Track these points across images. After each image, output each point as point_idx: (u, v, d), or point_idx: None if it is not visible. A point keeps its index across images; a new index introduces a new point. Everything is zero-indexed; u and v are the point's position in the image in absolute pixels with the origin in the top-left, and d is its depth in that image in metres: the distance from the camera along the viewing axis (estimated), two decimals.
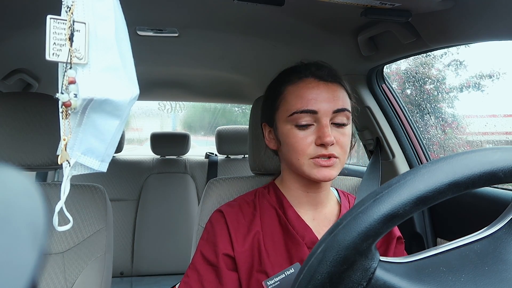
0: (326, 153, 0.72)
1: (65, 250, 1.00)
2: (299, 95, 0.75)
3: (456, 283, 0.37)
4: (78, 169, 0.47)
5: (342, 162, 0.75)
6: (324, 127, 0.72)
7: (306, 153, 0.73)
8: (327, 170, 0.73)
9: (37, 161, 0.97)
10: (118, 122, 0.47)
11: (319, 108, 0.73)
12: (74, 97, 0.43)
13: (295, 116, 0.74)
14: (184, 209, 2.39)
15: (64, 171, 0.46)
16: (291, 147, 0.75)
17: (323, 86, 0.75)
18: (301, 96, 0.74)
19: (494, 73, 1.62)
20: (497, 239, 0.41)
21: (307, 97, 0.74)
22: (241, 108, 4.03)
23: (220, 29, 1.23)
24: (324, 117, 0.73)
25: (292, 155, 0.76)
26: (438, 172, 0.35)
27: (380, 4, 0.85)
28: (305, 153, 0.73)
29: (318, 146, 0.72)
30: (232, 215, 0.79)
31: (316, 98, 0.73)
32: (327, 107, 0.73)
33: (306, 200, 0.81)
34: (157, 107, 3.42)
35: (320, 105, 0.73)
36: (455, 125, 1.78)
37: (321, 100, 0.73)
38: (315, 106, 0.73)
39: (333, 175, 0.73)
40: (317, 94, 0.74)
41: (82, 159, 0.47)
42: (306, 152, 0.73)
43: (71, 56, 0.43)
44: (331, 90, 0.75)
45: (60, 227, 0.47)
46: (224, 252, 0.75)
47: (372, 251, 0.36)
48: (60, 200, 0.46)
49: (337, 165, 0.74)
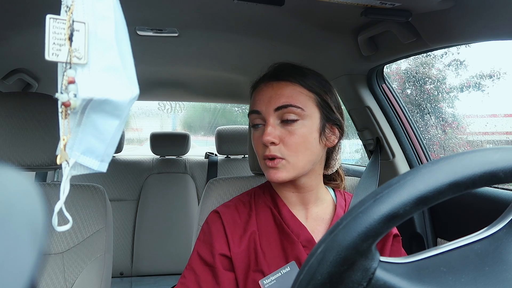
0: (267, 153, 0.73)
1: (64, 250, 1.00)
2: (253, 97, 0.80)
3: (457, 284, 0.37)
4: (78, 169, 0.47)
5: (293, 163, 0.73)
6: (266, 127, 0.74)
7: (260, 154, 0.77)
8: (272, 171, 0.74)
9: (36, 161, 0.97)
10: (118, 122, 0.47)
11: (261, 108, 0.75)
12: (73, 97, 0.43)
13: (250, 117, 0.79)
14: (184, 209, 2.39)
15: (64, 171, 0.46)
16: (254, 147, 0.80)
17: (267, 86, 0.77)
18: (253, 98, 0.80)
19: (495, 73, 1.62)
20: (498, 240, 0.41)
21: (254, 98, 0.78)
22: (241, 108, 4.03)
23: (220, 29, 1.23)
24: (267, 116, 0.74)
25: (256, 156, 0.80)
26: (439, 172, 0.35)
27: (380, 4, 0.85)
28: (259, 154, 0.77)
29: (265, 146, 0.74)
30: (228, 216, 0.79)
31: (260, 99, 0.76)
32: (267, 106, 0.75)
33: (296, 199, 0.81)
34: (157, 107, 3.42)
35: (261, 105, 0.76)
36: (456, 125, 1.78)
37: (263, 100, 0.76)
38: (258, 106, 0.76)
39: (280, 177, 0.73)
40: (262, 94, 0.77)
41: (81, 159, 0.47)
42: (259, 152, 0.77)
43: (70, 56, 0.43)
44: (276, 89, 0.76)
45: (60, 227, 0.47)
46: (221, 252, 0.75)
47: (372, 251, 0.36)
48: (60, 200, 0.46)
49: (283, 167, 0.73)
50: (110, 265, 1.08)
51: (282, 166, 0.73)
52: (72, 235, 1.02)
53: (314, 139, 0.75)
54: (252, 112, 0.78)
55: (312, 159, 0.76)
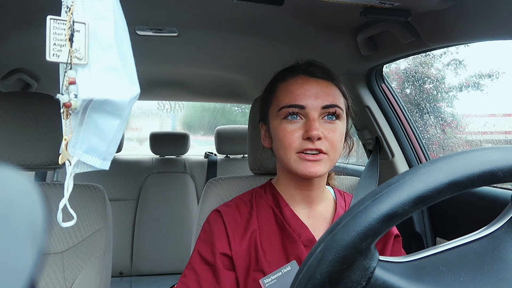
0: (313, 147, 0.72)
1: (64, 250, 1.00)
2: (288, 90, 0.76)
3: (455, 283, 0.37)
4: (81, 167, 0.48)
5: (331, 159, 0.75)
6: (311, 121, 0.72)
7: (293, 147, 0.73)
8: (313, 165, 0.72)
9: (36, 161, 0.97)
10: (119, 121, 0.47)
11: (306, 103, 0.74)
12: (74, 98, 0.43)
13: (284, 110, 0.75)
14: (184, 208, 2.39)
15: (67, 169, 0.47)
16: (279, 141, 0.76)
17: (312, 82, 0.76)
18: (290, 91, 0.76)
19: (494, 73, 1.63)
20: (496, 239, 0.41)
21: (295, 92, 0.75)
22: (240, 107, 4.03)
23: (219, 29, 1.23)
24: (312, 111, 0.73)
25: (280, 150, 0.76)
26: (438, 171, 0.35)
27: (380, 3, 0.85)
28: (292, 147, 0.73)
29: (305, 140, 0.72)
30: (229, 215, 0.79)
31: (305, 94, 0.74)
32: (315, 102, 0.74)
33: (300, 198, 0.81)
34: (156, 107, 3.42)
35: (307, 100, 0.74)
36: (455, 124, 1.78)
37: (309, 96, 0.74)
38: (303, 101, 0.74)
39: (319, 171, 0.73)
40: (305, 89, 0.75)
41: (84, 158, 0.47)
42: (293, 146, 0.73)
43: (71, 56, 0.43)
44: (321, 86, 0.76)
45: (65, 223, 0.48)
46: (222, 252, 0.75)
47: (372, 251, 0.36)
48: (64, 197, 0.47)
49: (325, 162, 0.74)
50: (109, 264, 1.08)
51: (323, 160, 0.73)
52: (72, 234, 1.02)
53: (343, 140, 0.79)
54: (293, 106, 0.74)
55: (339, 158, 0.78)
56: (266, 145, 0.85)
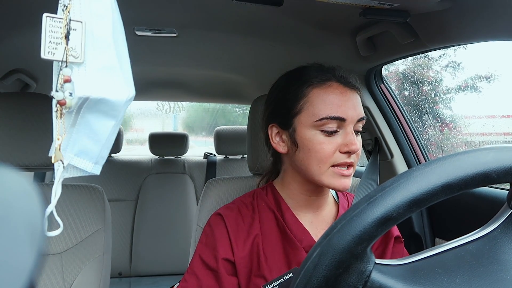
0: (349, 161, 0.71)
1: (63, 251, 1.00)
2: (327, 100, 0.72)
3: (451, 284, 0.37)
4: (71, 171, 0.46)
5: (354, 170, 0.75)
6: (350, 134, 0.71)
7: (329, 161, 0.71)
8: (347, 180, 0.72)
9: (35, 162, 0.97)
10: (113, 122, 0.47)
11: (347, 116, 0.71)
12: (69, 96, 0.43)
13: (323, 121, 0.71)
14: (183, 209, 2.38)
15: (56, 173, 0.45)
16: (313, 153, 0.72)
17: (349, 92, 0.74)
18: (330, 101, 0.71)
19: (492, 74, 1.63)
20: (492, 239, 0.41)
21: (336, 103, 0.71)
22: (242, 108, 4.02)
23: (218, 29, 1.23)
24: (350, 124, 0.72)
25: (312, 162, 0.72)
26: (431, 174, 0.35)
27: (379, 4, 0.85)
28: (328, 160, 0.71)
29: (343, 153, 0.71)
30: (231, 219, 0.77)
31: (345, 105, 0.71)
32: (353, 115, 0.72)
33: (306, 203, 0.79)
34: (155, 107, 3.41)
35: (348, 113, 0.71)
36: (453, 125, 1.78)
37: (349, 107, 0.71)
38: (344, 113, 0.71)
39: (350, 185, 0.73)
40: (345, 100, 0.72)
41: (75, 161, 0.45)
42: (330, 159, 0.71)
43: (66, 54, 0.43)
44: (354, 97, 0.74)
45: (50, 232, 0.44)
46: (224, 257, 0.73)
47: (367, 254, 0.36)
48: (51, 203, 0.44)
49: (352, 174, 0.74)
50: (108, 265, 1.08)
51: (351, 174, 0.73)
52: (71, 235, 1.02)
53: None
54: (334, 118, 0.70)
55: None
56: (280, 151, 0.79)
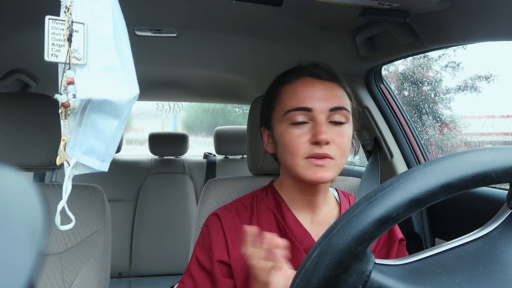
0: (320, 152, 0.69)
1: (63, 251, 1.00)
2: (293, 93, 0.74)
3: (451, 285, 0.37)
4: (80, 169, 0.48)
5: (339, 164, 0.72)
6: (319, 125, 0.70)
7: (300, 152, 0.71)
8: (321, 170, 0.70)
9: (35, 162, 0.97)
10: (117, 122, 0.47)
11: (314, 106, 0.71)
12: (72, 98, 0.43)
13: (290, 114, 0.72)
14: (183, 209, 2.38)
15: (65, 171, 0.47)
16: (286, 146, 0.73)
17: (319, 84, 0.74)
18: (296, 94, 0.73)
19: (492, 74, 1.63)
20: (492, 239, 0.41)
21: (301, 95, 0.72)
22: (242, 109, 4.02)
23: (218, 29, 1.23)
24: (320, 114, 0.71)
25: (287, 156, 0.73)
26: (431, 174, 0.35)
27: (378, 4, 0.85)
28: (299, 152, 0.71)
29: (313, 144, 0.70)
30: (228, 220, 0.76)
31: (312, 96, 0.72)
32: (322, 105, 0.71)
33: (303, 203, 0.79)
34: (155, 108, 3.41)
35: (315, 103, 0.71)
36: (452, 126, 1.79)
37: (317, 98, 0.71)
38: (310, 103, 0.71)
39: (327, 177, 0.70)
40: (312, 91, 0.72)
41: (82, 159, 0.47)
42: (301, 151, 0.71)
43: (69, 56, 0.43)
44: (328, 88, 0.73)
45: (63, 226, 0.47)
46: (219, 259, 0.73)
47: (367, 254, 0.36)
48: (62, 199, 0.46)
49: (332, 167, 0.71)
50: (108, 265, 1.08)
51: (330, 166, 0.70)
52: (71, 235, 1.02)
53: (350, 145, 0.76)
54: (299, 109, 0.71)
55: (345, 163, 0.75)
56: (269, 151, 0.81)
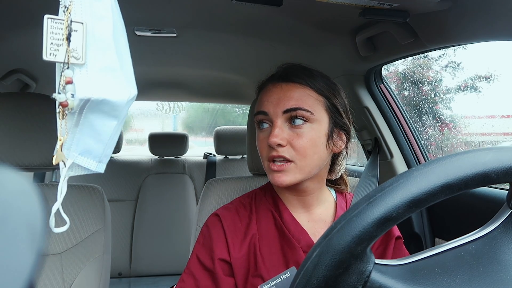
0: (276, 154, 0.71)
1: (63, 251, 1.00)
2: (259, 97, 0.79)
3: (451, 284, 0.37)
4: (76, 170, 0.47)
5: (301, 166, 0.71)
6: (273, 128, 0.72)
7: (264, 155, 0.75)
8: (277, 175, 0.71)
9: (35, 162, 0.97)
10: (115, 122, 0.47)
11: (268, 109, 0.73)
12: (71, 97, 0.43)
13: (256, 118, 0.77)
14: (183, 209, 2.38)
15: (61, 172, 0.46)
16: (258, 149, 0.78)
17: (276, 86, 0.76)
18: (260, 99, 0.78)
19: (492, 74, 1.63)
20: (492, 240, 0.41)
21: (262, 99, 0.76)
22: (242, 109, 4.01)
23: (218, 29, 1.23)
24: (275, 118, 0.72)
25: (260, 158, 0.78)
26: (431, 174, 0.35)
27: (378, 4, 0.85)
28: (264, 155, 0.75)
29: (270, 147, 0.72)
30: (229, 220, 0.77)
31: (268, 100, 0.75)
32: (275, 108, 0.73)
33: (297, 202, 0.80)
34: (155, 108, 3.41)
35: (269, 106, 0.74)
36: (452, 126, 1.79)
37: (271, 101, 0.74)
38: (266, 107, 0.74)
39: (285, 181, 0.71)
40: (269, 95, 0.75)
41: (79, 160, 0.46)
42: (264, 154, 0.75)
43: (68, 56, 0.43)
44: (285, 90, 0.74)
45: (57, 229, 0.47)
46: (220, 257, 0.74)
47: (367, 254, 0.36)
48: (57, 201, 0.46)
49: (292, 170, 0.71)
50: (108, 265, 1.08)
51: (289, 169, 0.71)
52: (71, 235, 1.02)
53: (322, 144, 0.73)
54: (258, 113, 0.75)
55: (318, 163, 0.74)
56: None
